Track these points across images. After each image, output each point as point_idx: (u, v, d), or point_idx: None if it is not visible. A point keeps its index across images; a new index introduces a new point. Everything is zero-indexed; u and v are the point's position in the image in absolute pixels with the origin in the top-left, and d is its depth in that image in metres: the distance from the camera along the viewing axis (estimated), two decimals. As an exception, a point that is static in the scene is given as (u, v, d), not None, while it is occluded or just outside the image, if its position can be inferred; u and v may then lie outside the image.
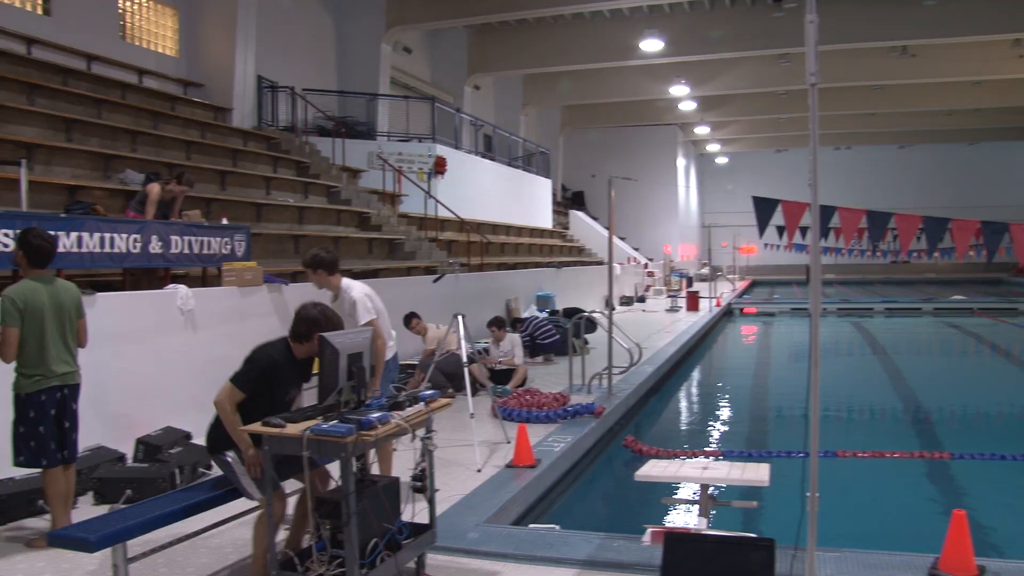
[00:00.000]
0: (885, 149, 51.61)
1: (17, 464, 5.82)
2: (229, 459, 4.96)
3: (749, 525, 6.75)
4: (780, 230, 9.56)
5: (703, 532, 4.73)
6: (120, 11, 16.19)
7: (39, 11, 14.48)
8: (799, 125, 40.44)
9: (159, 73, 16.71)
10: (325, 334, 4.57)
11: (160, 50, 17.23)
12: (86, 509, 6.47)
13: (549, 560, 5.45)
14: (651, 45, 25.80)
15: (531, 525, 6.50)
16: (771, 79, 31.08)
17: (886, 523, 7.59)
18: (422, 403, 4.86)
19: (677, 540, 3.98)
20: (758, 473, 5.63)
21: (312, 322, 5.03)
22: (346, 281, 6.96)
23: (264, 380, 4.90)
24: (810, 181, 4.24)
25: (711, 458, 8.72)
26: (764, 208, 7.07)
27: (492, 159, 26.15)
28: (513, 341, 12.26)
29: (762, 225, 7.10)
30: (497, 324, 12.15)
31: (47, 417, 5.77)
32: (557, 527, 6.23)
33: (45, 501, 6.28)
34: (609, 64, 28.94)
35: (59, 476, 5.86)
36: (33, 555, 5.64)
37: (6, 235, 7.22)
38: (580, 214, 36.52)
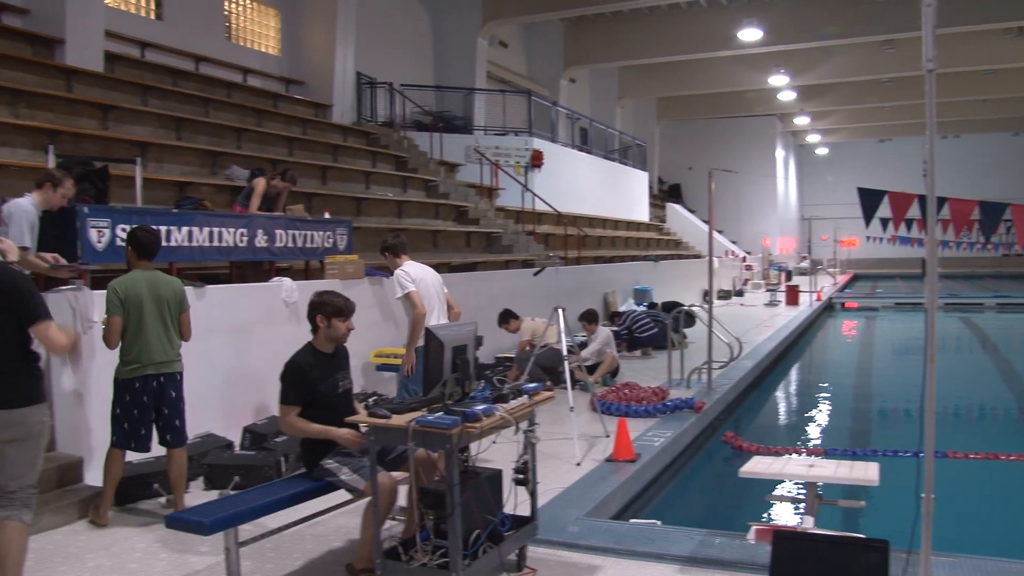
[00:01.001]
0: (998, 137, 49.38)
1: (112, 444, 6.11)
2: (326, 466, 5.08)
3: (851, 526, 6.58)
4: (884, 222, 9.27)
5: (813, 531, 4.62)
6: (226, 13, 16.67)
7: (152, 16, 15.03)
8: (904, 113, 39.15)
9: (262, 72, 17.15)
10: (431, 327, 4.62)
11: (263, 50, 17.68)
12: (197, 494, 6.70)
13: (650, 555, 5.40)
14: (750, 34, 25.34)
15: (631, 520, 6.45)
16: (875, 66, 30.18)
17: (1001, 529, 7.29)
18: (525, 396, 4.88)
19: (786, 539, 3.89)
20: (867, 472, 5.47)
21: (310, 306, 5.25)
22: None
23: (303, 385, 5.04)
24: (925, 171, 4.10)
25: (814, 456, 8.52)
26: (870, 199, 6.87)
27: (588, 152, 26.06)
28: (601, 336, 12.01)
29: (868, 217, 6.90)
30: (588, 318, 12.00)
31: (140, 403, 6.03)
32: (658, 522, 6.17)
33: (160, 485, 6.55)
34: (706, 55, 28.51)
35: (118, 458, 6.13)
36: (150, 535, 5.87)
37: (123, 230, 7.50)
38: (677, 207, 36.10)
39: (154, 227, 6.78)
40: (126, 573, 5.23)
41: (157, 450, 6.95)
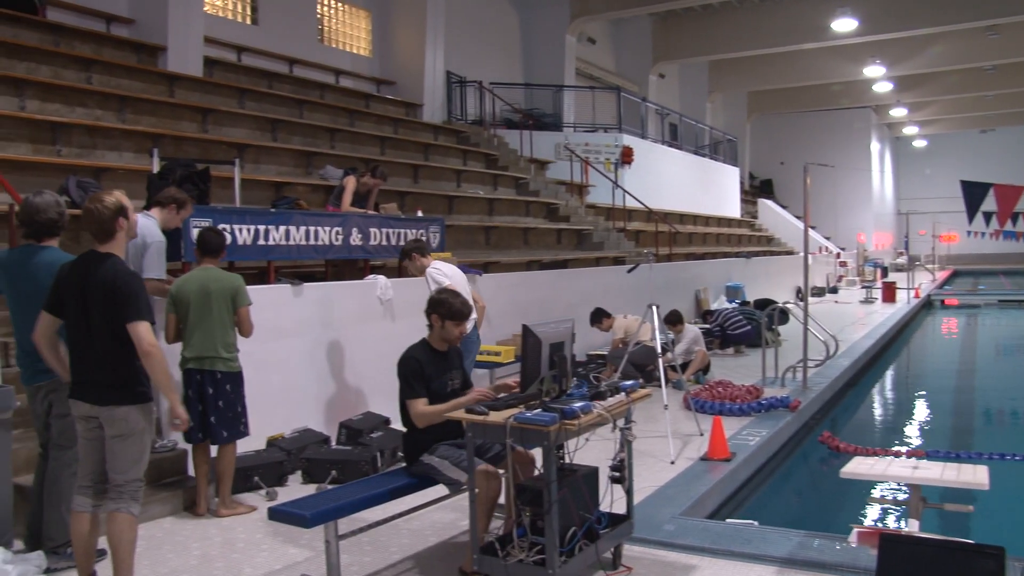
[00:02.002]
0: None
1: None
2: (427, 462, 5.14)
3: (954, 532, 6.36)
4: (988, 216, 8.94)
5: (921, 536, 4.48)
6: (318, 16, 17.01)
7: (248, 21, 15.44)
8: (1009, 102, 37.65)
9: (354, 73, 17.45)
10: (528, 324, 4.63)
11: (355, 51, 17.97)
12: (295, 487, 6.86)
13: (747, 556, 5.31)
14: (844, 25, 24.66)
15: (728, 519, 6.37)
16: (977, 53, 29.07)
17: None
18: (623, 393, 4.86)
19: (894, 542, 3.78)
20: (976, 475, 5.28)
21: (429, 303, 5.31)
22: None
23: (421, 377, 5.09)
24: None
25: (915, 458, 8.27)
26: (974, 193, 6.64)
27: (678, 148, 25.79)
28: (689, 335, 11.85)
29: (972, 211, 6.67)
30: (671, 321, 11.76)
31: (186, 395, 6.21)
32: (755, 523, 6.08)
33: (261, 478, 6.72)
34: (798, 47, 27.87)
35: (195, 449, 6.30)
36: (251, 526, 6.02)
37: (224, 229, 7.70)
38: (769, 202, 35.43)
39: (220, 228, 7.04)
40: (229, 562, 5.37)
41: (257, 444, 7.18)
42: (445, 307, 5.19)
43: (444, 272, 7.68)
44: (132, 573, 4.49)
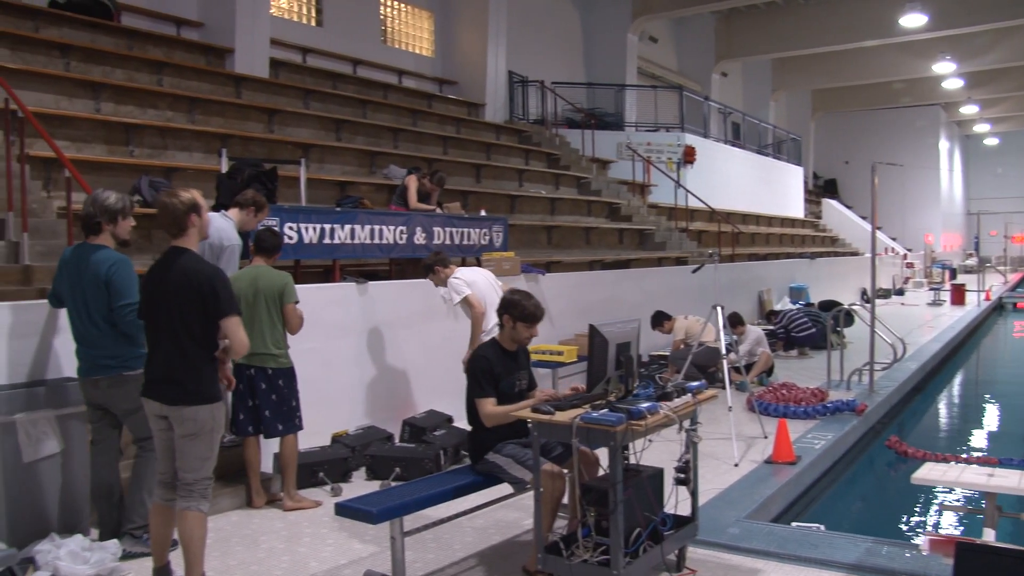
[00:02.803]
0: None
1: None
2: (492, 460, 5.16)
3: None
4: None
5: (999, 545, 4.37)
6: (381, 17, 17.19)
7: (313, 23, 15.67)
8: (1087, 99, 36.49)
9: (417, 73, 17.58)
10: (594, 324, 4.62)
11: (417, 51, 18.11)
12: (359, 484, 6.94)
13: (814, 561, 5.23)
14: (913, 20, 24.11)
15: (794, 523, 6.28)
16: (1054, 48, 28.21)
17: None
18: (689, 394, 4.83)
19: (971, 551, 3.69)
20: (1055, 484, 5.14)
21: (502, 303, 5.30)
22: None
23: (491, 376, 5.10)
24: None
25: (987, 465, 8.07)
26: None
27: (741, 147, 25.53)
28: (751, 336, 11.71)
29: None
30: (732, 322, 11.58)
31: (235, 389, 6.16)
32: (821, 527, 5.98)
33: (326, 473, 6.81)
34: (865, 43, 27.33)
35: (245, 444, 6.38)
36: (317, 521, 6.10)
37: (290, 227, 7.84)
38: (833, 202, 34.83)
39: (285, 228, 7.23)
40: (296, 556, 5.45)
41: (322, 440, 7.28)
42: (518, 309, 5.19)
43: (465, 279, 7.54)
44: (202, 568, 4.57)
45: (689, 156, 20.03)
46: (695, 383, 5.11)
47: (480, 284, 7.59)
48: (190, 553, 4.52)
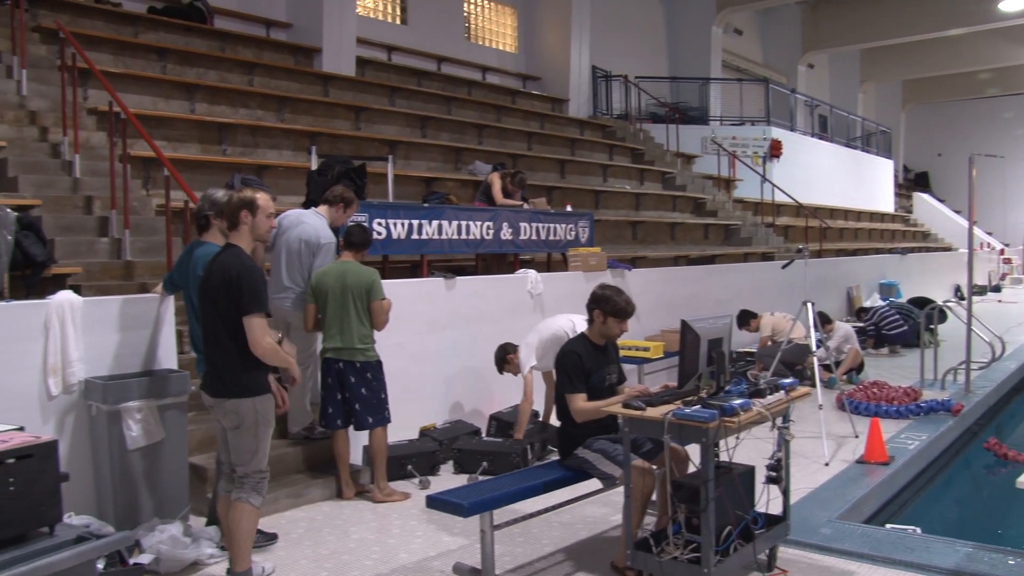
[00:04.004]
0: None
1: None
2: (581, 456, 5.15)
3: None
4: None
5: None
6: (465, 14, 17.32)
7: (398, 21, 15.87)
8: None
9: (500, 69, 17.66)
10: (687, 319, 4.59)
11: (501, 48, 18.19)
12: (447, 477, 7.00)
13: (910, 565, 5.09)
14: (1013, 4, 23.18)
15: (888, 525, 6.13)
16: None
17: None
18: (782, 391, 4.76)
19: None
20: None
21: (592, 298, 5.26)
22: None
23: (581, 371, 5.08)
24: None
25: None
26: None
27: (829, 140, 24.98)
28: (839, 333, 11.41)
29: None
30: (820, 320, 11.30)
31: (325, 383, 6.43)
32: (917, 529, 5.83)
33: (414, 466, 6.89)
34: (960, 31, 26.34)
35: (335, 436, 6.48)
36: (406, 513, 6.18)
37: (379, 223, 7.94)
38: (925, 196, 33.80)
39: (372, 224, 7.32)
40: (386, 548, 5.53)
41: (410, 433, 7.37)
42: (610, 304, 5.17)
43: (531, 344, 7.48)
44: (248, 560, 4.64)
45: (775, 150, 19.70)
46: (788, 380, 5.03)
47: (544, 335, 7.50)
48: (235, 544, 4.62)
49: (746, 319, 11.08)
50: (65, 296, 5.43)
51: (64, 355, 5.33)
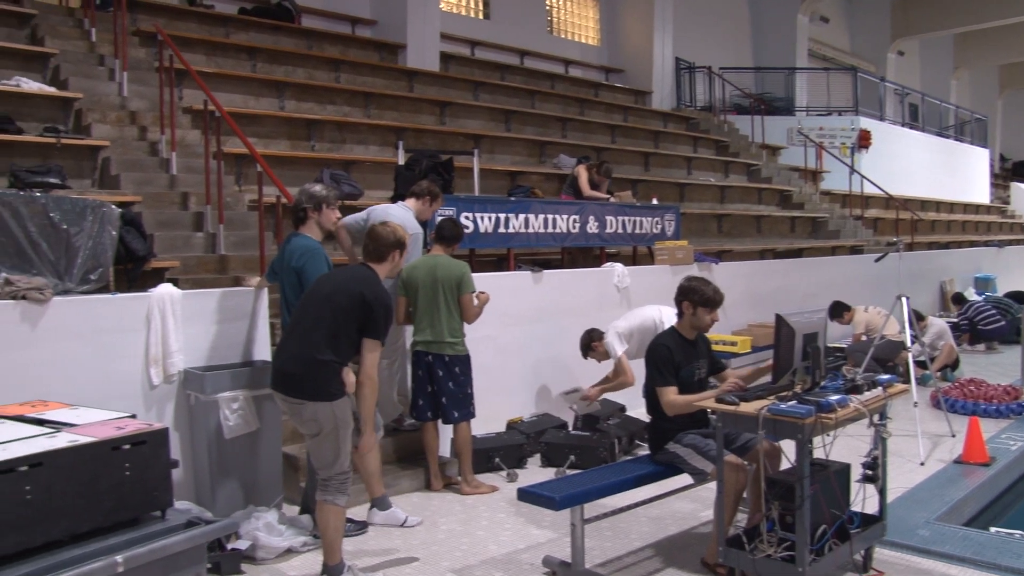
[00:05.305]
0: None
1: None
2: (672, 450, 5.11)
3: None
4: None
5: None
6: (547, 8, 17.31)
7: (480, 16, 15.94)
8: None
9: (583, 62, 17.61)
10: (781, 313, 4.51)
11: (583, 40, 18.13)
12: (534, 470, 7.01)
13: (1016, 572, 4.89)
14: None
15: (993, 529, 5.94)
16: None
17: None
18: (880, 387, 4.65)
19: None
20: None
21: (680, 291, 5.23)
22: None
23: (672, 364, 5.03)
24: None
25: None
26: None
27: (920, 129, 24.30)
28: (933, 328, 11.06)
29: None
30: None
31: (415, 375, 6.49)
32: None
33: (502, 459, 6.92)
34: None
35: (424, 428, 6.52)
36: (494, 505, 6.22)
37: (466, 217, 7.99)
38: (1023, 186, 32.64)
39: (457, 220, 7.27)
40: (475, 539, 5.57)
41: (497, 426, 7.41)
42: (698, 294, 5.13)
43: (620, 332, 7.50)
44: (339, 554, 4.69)
45: (864, 140, 19.25)
46: (885, 376, 4.91)
47: (633, 324, 7.52)
48: (325, 543, 4.68)
49: (839, 311, 10.83)
50: (166, 289, 5.60)
51: (165, 346, 5.49)
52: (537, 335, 8.05)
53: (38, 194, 5.62)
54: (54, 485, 3.09)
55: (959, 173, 25.45)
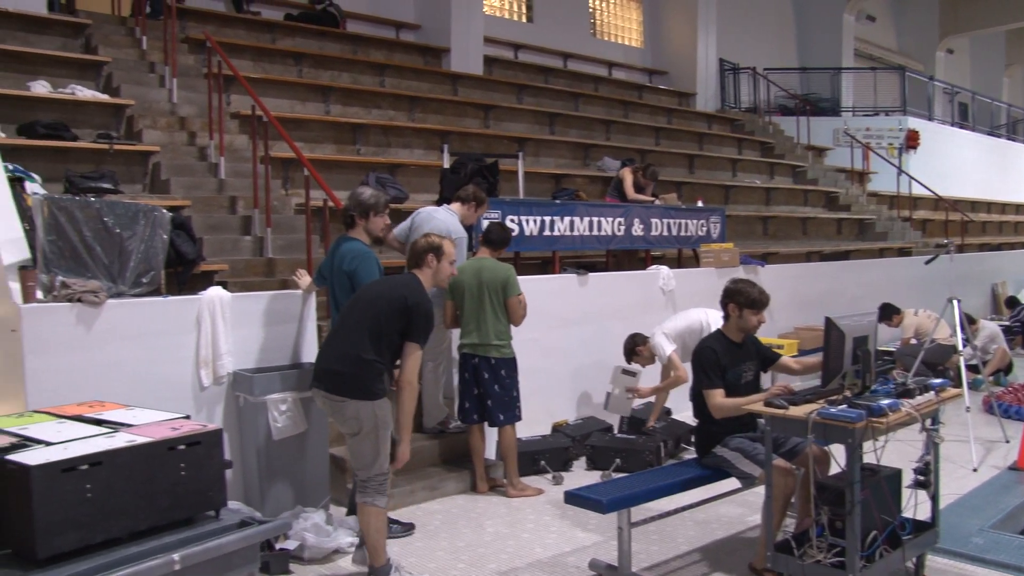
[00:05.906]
0: None
1: None
2: (720, 454, 5.09)
3: None
4: None
5: None
6: (591, 10, 17.29)
7: (523, 19, 15.99)
8: None
9: (626, 64, 17.58)
10: (831, 316, 4.46)
11: (626, 42, 18.09)
12: (580, 473, 7.01)
13: (1075, 580, 4.83)
14: None
15: (1049, 537, 5.81)
16: None
17: None
18: (932, 392, 4.58)
19: None
20: None
21: (725, 293, 5.22)
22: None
23: (718, 367, 5.01)
24: None
25: None
26: None
27: (970, 129, 23.87)
28: (985, 332, 10.84)
29: None
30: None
31: (462, 377, 6.50)
32: (1081, 543, 5.51)
33: (547, 462, 6.92)
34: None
35: (470, 431, 6.55)
36: (540, 508, 6.23)
37: (511, 220, 8.00)
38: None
39: (505, 224, 7.24)
40: (520, 541, 5.58)
41: (543, 429, 7.41)
42: (743, 296, 5.11)
43: (667, 333, 7.43)
44: (383, 555, 4.73)
45: (912, 141, 18.95)
46: (938, 380, 4.84)
47: (680, 327, 7.47)
48: (369, 543, 4.73)
49: (889, 314, 10.68)
50: (215, 292, 5.68)
51: (215, 348, 5.57)
52: (582, 338, 8.04)
53: (92, 199, 5.72)
54: (113, 484, 3.15)
55: (1011, 173, 24.93)
